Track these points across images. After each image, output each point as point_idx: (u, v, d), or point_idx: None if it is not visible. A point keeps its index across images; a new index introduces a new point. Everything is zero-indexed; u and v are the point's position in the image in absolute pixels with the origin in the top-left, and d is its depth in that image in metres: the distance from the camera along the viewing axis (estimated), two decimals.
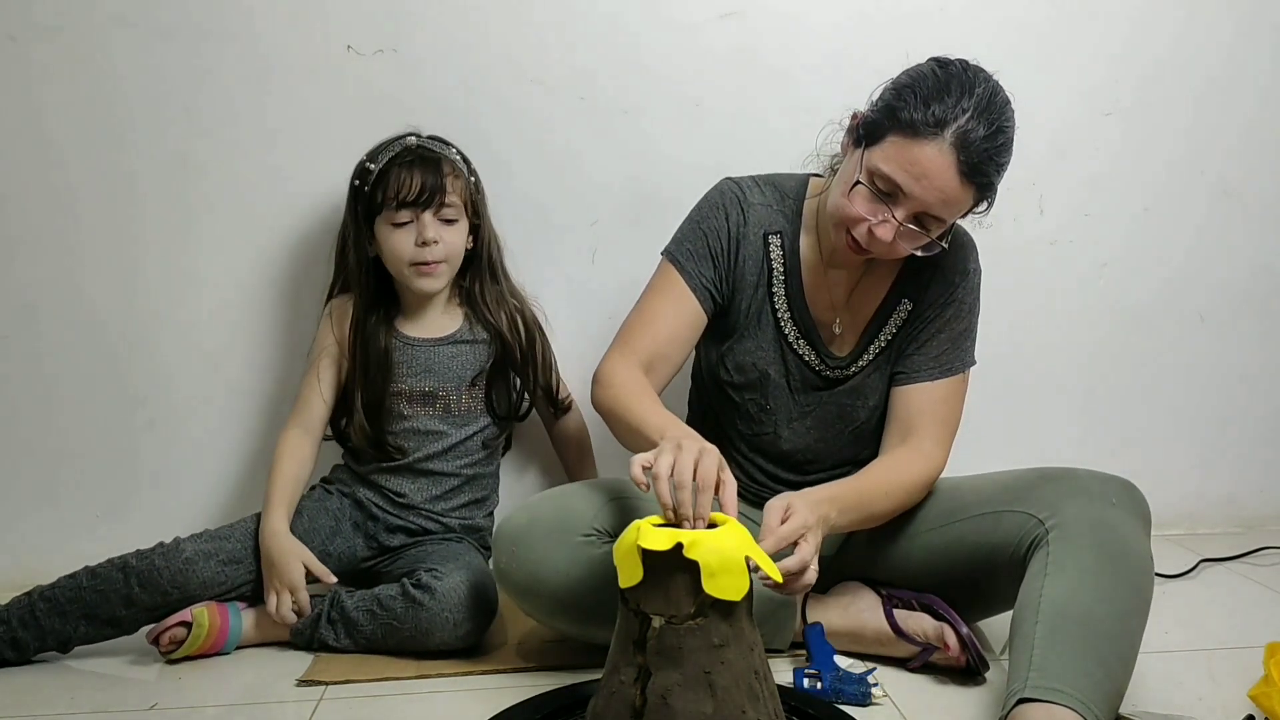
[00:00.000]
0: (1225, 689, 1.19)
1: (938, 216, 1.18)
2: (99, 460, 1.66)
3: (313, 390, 1.49)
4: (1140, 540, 1.12)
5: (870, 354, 1.36)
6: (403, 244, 1.43)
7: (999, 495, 1.24)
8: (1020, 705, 0.96)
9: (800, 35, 1.69)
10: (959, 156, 1.13)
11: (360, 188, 1.45)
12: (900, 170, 1.15)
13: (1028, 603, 1.07)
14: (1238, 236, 1.84)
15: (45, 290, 1.62)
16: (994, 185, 1.19)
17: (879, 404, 1.37)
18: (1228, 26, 1.78)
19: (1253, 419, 1.89)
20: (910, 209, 1.17)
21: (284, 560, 1.36)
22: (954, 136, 1.13)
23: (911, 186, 1.15)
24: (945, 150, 1.13)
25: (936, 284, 1.33)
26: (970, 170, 1.14)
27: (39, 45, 1.57)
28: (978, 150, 1.14)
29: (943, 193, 1.15)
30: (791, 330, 1.34)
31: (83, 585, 1.33)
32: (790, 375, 1.36)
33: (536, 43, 1.65)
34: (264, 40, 1.60)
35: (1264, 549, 1.73)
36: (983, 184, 1.17)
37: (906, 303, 1.34)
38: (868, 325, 1.36)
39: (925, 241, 1.20)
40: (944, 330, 1.33)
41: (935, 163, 1.13)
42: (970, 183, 1.16)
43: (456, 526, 1.52)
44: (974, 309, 1.36)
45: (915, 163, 1.14)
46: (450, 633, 1.29)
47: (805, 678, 1.19)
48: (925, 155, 1.13)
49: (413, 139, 1.48)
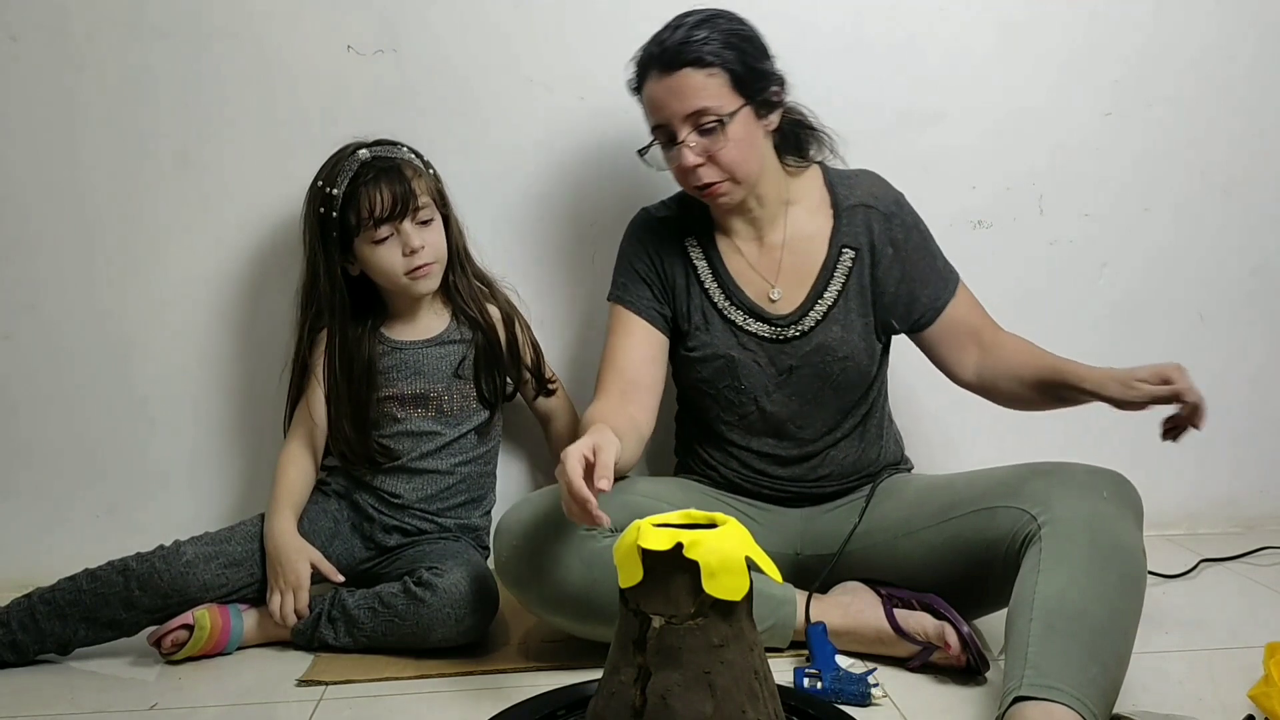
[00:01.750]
0: (1225, 689, 1.19)
1: (704, 110, 1.26)
2: (99, 460, 1.66)
3: (308, 411, 1.50)
4: (1132, 534, 1.12)
5: (822, 307, 1.38)
6: (391, 258, 1.42)
7: (992, 490, 1.24)
8: (1017, 704, 0.96)
9: (800, 35, 1.69)
10: (661, 58, 1.27)
11: (327, 214, 1.42)
12: (651, 114, 1.31)
13: (1022, 600, 1.07)
14: (1238, 236, 1.84)
15: (46, 291, 1.62)
16: (721, 55, 1.26)
17: (849, 355, 1.38)
18: (1228, 26, 1.77)
19: (1252, 419, 1.89)
20: (684, 128, 1.27)
21: (292, 560, 1.36)
22: (654, 56, 1.29)
23: (662, 112, 1.29)
24: (654, 69, 1.28)
25: (875, 221, 1.39)
26: (676, 56, 1.25)
27: (40, 45, 1.57)
28: (674, 41, 1.26)
29: (676, 91, 1.26)
30: (737, 314, 1.39)
31: (82, 588, 1.33)
32: (751, 352, 1.39)
33: (536, 43, 1.65)
34: (264, 40, 1.60)
35: (1264, 549, 1.73)
36: (704, 58, 1.25)
37: (849, 251, 1.38)
38: (813, 282, 1.38)
39: (724, 141, 1.27)
40: (923, 255, 1.41)
41: (659, 84, 1.28)
42: (692, 66, 1.25)
43: (452, 527, 1.51)
44: (926, 229, 1.43)
45: (650, 100, 1.30)
46: (453, 628, 1.29)
47: (805, 677, 1.19)
48: (650, 90, 1.30)
49: (363, 152, 1.44)
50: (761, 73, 1.31)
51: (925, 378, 1.49)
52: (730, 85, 1.27)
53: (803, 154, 1.43)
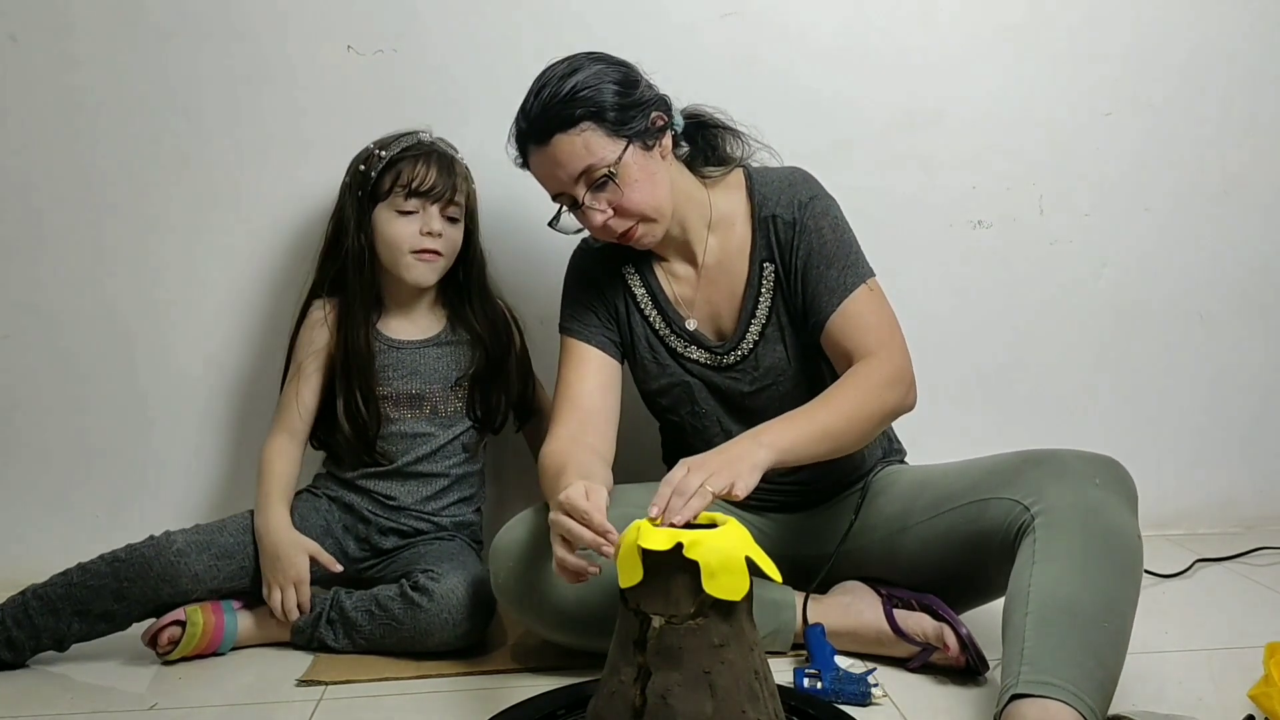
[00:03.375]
0: (1225, 689, 1.19)
1: (589, 168, 1.22)
2: (99, 460, 1.66)
3: (297, 395, 1.47)
4: (1126, 521, 1.10)
5: (756, 326, 1.34)
6: (405, 230, 1.43)
7: (984, 481, 1.22)
8: (1014, 701, 0.95)
9: (800, 35, 1.69)
10: (533, 134, 1.24)
11: (366, 172, 1.44)
12: (544, 186, 1.28)
13: (1017, 593, 1.06)
14: (1238, 236, 1.84)
15: (45, 291, 1.62)
16: (584, 109, 1.21)
17: (801, 370, 1.35)
18: (1228, 26, 1.78)
19: (1252, 419, 1.89)
20: (579, 189, 1.24)
21: (289, 553, 1.36)
22: (524, 132, 1.25)
23: (552, 183, 1.26)
24: (530, 145, 1.25)
25: (781, 230, 1.32)
26: (542, 130, 1.22)
27: (41, 45, 1.57)
28: (535, 114, 1.23)
29: (556, 161, 1.23)
30: (676, 341, 1.37)
31: (74, 581, 1.32)
32: (701, 380, 1.37)
33: (536, 43, 1.64)
34: (265, 40, 1.60)
35: (1261, 549, 1.73)
36: (569, 119, 1.21)
37: (768, 265, 1.33)
38: (742, 302, 1.35)
39: (618, 191, 1.23)
40: (818, 262, 1.29)
41: (538, 158, 1.25)
42: (561, 131, 1.21)
43: (448, 525, 1.51)
44: (836, 228, 1.30)
45: (538, 174, 1.28)
46: (450, 633, 1.29)
47: (805, 678, 1.19)
48: (534, 165, 1.27)
49: (426, 135, 1.49)
50: (634, 105, 1.24)
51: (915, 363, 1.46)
52: (605, 133, 1.22)
53: (720, 158, 1.37)
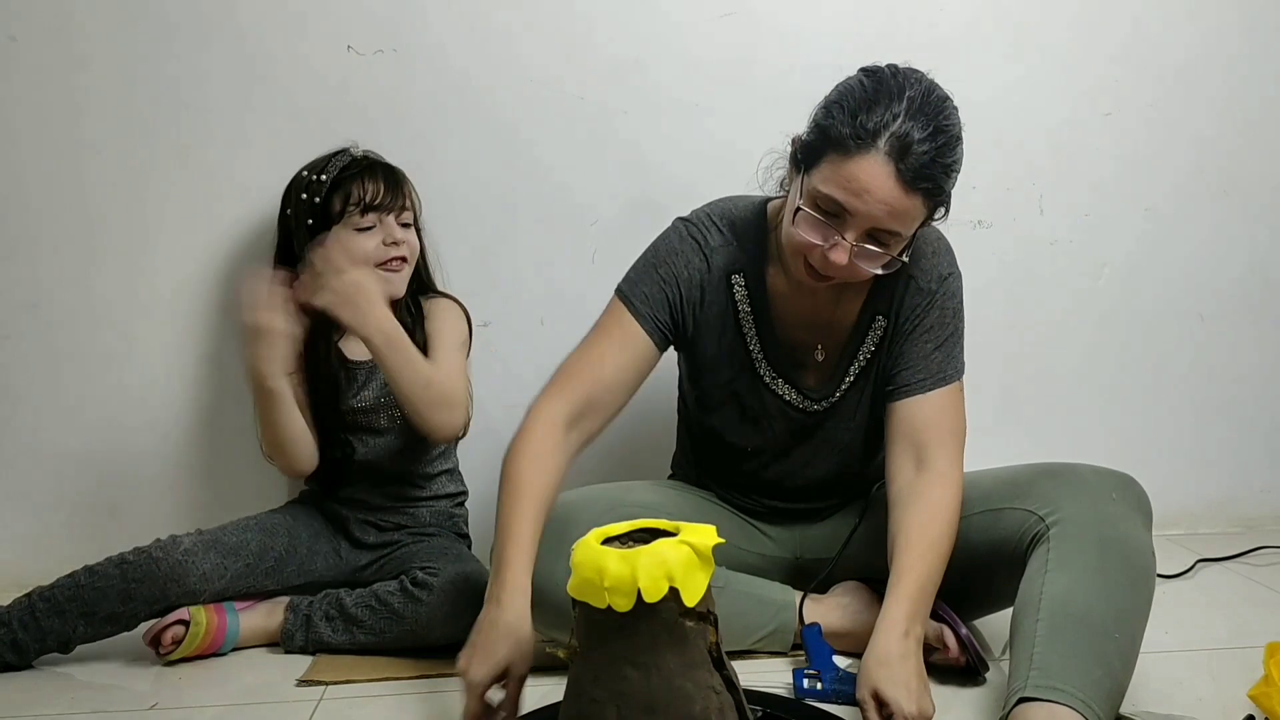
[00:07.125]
0: (1225, 689, 1.19)
1: (890, 230, 1.11)
2: (100, 461, 1.66)
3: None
4: (1141, 536, 1.12)
5: (850, 377, 1.31)
6: (368, 245, 1.42)
7: (999, 491, 1.23)
8: (1021, 704, 0.96)
9: (800, 35, 1.69)
10: (897, 165, 1.06)
11: (310, 199, 1.42)
12: (839, 189, 1.09)
13: (1028, 600, 1.06)
14: (1238, 237, 1.84)
15: (45, 290, 1.62)
16: (943, 189, 1.12)
17: (862, 421, 1.33)
18: (1228, 27, 1.78)
19: (1252, 419, 1.90)
20: (859, 227, 1.10)
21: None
22: (888, 145, 1.06)
23: (854, 204, 1.08)
24: (881, 160, 1.06)
25: (911, 294, 1.26)
26: (913, 177, 1.07)
27: (41, 45, 1.57)
28: (917, 155, 1.07)
29: (887, 204, 1.08)
30: (766, 371, 1.31)
31: (80, 583, 1.32)
32: (769, 415, 1.33)
33: (536, 43, 1.65)
34: (264, 40, 1.60)
35: (1261, 548, 1.74)
36: (930, 189, 1.09)
37: (881, 319, 1.28)
38: (844, 348, 1.30)
39: (885, 259, 1.13)
40: (929, 339, 1.25)
41: (873, 175, 1.07)
42: (915, 190, 1.08)
43: (429, 518, 1.52)
44: (958, 314, 1.28)
45: (853, 179, 1.07)
46: (452, 625, 1.29)
47: (805, 678, 1.19)
48: (862, 169, 1.07)
49: (355, 149, 1.48)
50: (950, 197, 1.16)
51: None
52: (928, 212, 1.14)
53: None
